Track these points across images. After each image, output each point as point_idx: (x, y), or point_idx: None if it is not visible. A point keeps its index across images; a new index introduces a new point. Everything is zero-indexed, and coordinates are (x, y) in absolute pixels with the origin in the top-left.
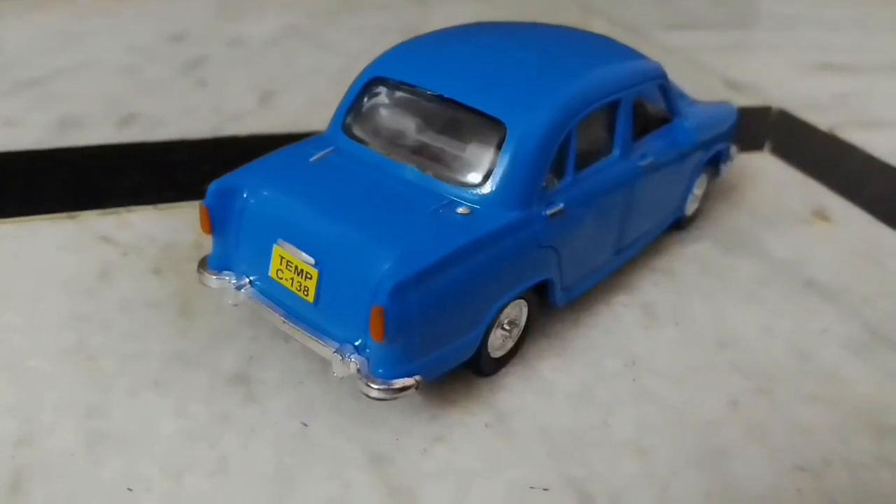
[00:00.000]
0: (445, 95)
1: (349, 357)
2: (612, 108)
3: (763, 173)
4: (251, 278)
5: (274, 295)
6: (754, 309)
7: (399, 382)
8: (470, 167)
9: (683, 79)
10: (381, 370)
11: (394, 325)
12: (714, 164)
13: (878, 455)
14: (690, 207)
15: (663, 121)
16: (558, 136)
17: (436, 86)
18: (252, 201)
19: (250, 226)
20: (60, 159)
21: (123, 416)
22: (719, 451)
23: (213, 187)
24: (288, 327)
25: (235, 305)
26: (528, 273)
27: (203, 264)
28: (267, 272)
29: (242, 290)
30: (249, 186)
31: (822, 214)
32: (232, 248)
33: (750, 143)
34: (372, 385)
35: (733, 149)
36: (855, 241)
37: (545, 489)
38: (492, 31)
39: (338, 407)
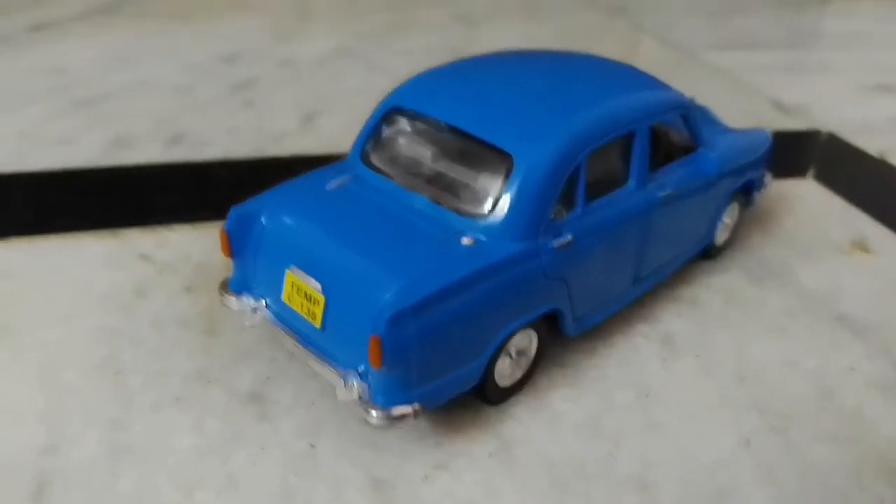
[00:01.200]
0: (456, 126)
1: (352, 382)
2: (628, 139)
3: (803, 201)
4: (267, 301)
5: (286, 318)
6: (779, 342)
7: (398, 411)
8: (477, 198)
9: (728, 101)
10: (380, 398)
11: (391, 355)
12: (747, 192)
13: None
14: (720, 237)
15: (687, 150)
16: (566, 168)
17: (448, 116)
18: (268, 227)
19: (266, 251)
20: (108, 177)
21: (143, 430)
22: (725, 491)
23: (232, 213)
24: (298, 350)
25: (252, 327)
26: (534, 304)
27: (224, 286)
28: (280, 296)
29: (258, 313)
30: (266, 212)
31: (861, 245)
32: (250, 272)
33: (792, 169)
34: (371, 412)
35: (767, 177)
36: (895, 274)
37: None
38: (513, 61)
39: (345, 429)
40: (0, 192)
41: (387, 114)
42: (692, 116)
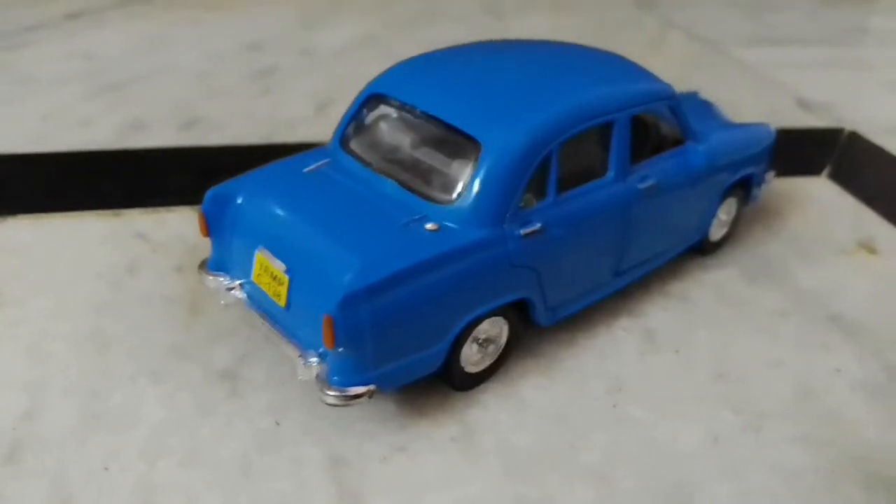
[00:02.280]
0: (430, 113)
1: (311, 362)
2: (606, 129)
3: (814, 199)
4: (241, 281)
5: (257, 298)
6: (766, 341)
7: (353, 391)
8: (444, 184)
9: (751, 97)
10: (336, 378)
11: (344, 335)
12: (746, 188)
13: None
14: (716, 232)
15: (676, 142)
16: (535, 156)
17: (423, 103)
18: (242, 208)
19: (239, 231)
20: (114, 159)
21: (119, 401)
22: (686, 486)
23: (209, 194)
24: (266, 330)
25: (226, 305)
26: (499, 291)
27: (203, 265)
28: (251, 276)
29: (232, 292)
30: (241, 194)
31: (868, 246)
32: (226, 252)
33: (807, 167)
34: (327, 391)
35: (769, 173)
36: None
37: None
38: (498, 51)
39: (311, 409)
40: (15, 172)
41: (367, 100)
42: (679, 108)
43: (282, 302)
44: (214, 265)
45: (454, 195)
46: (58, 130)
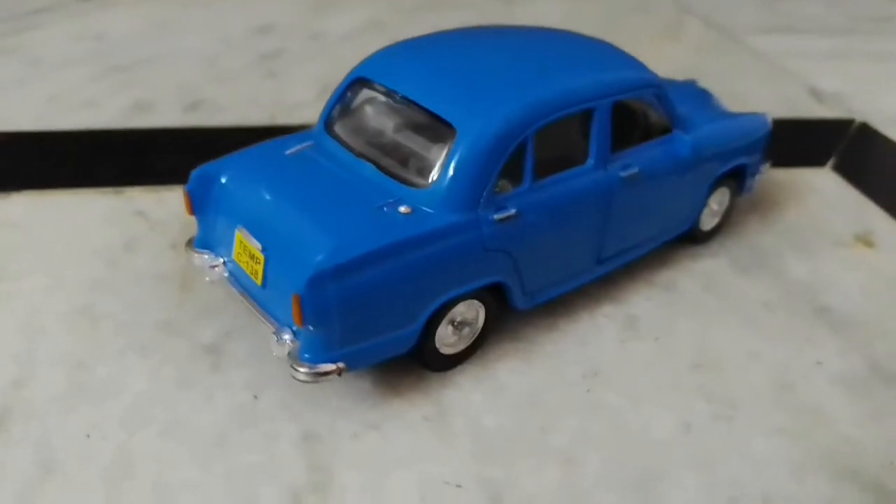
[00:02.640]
0: (409, 97)
1: (284, 339)
2: (586, 116)
3: (816, 191)
4: (223, 259)
5: (238, 276)
6: (749, 332)
7: (322, 368)
8: (421, 168)
9: (763, 86)
10: (307, 355)
11: (311, 313)
12: (739, 178)
13: (831, 500)
14: (707, 222)
15: (664, 131)
16: (509, 142)
17: (404, 88)
18: (224, 188)
19: (222, 211)
20: (116, 139)
21: (105, 373)
22: (654, 473)
23: (194, 173)
24: (246, 307)
25: (211, 282)
26: (473, 275)
27: (190, 243)
28: (232, 255)
29: (216, 270)
30: (224, 174)
31: (865, 240)
32: (211, 231)
33: (811, 159)
34: (298, 368)
35: (764, 165)
36: (895, 271)
37: (458, 486)
38: (484, 36)
39: (289, 385)
40: (18, 149)
41: (352, 84)
42: (665, 97)
43: (259, 280)
44: (200, 243)
45: (429, 179)
46: (63, 110)
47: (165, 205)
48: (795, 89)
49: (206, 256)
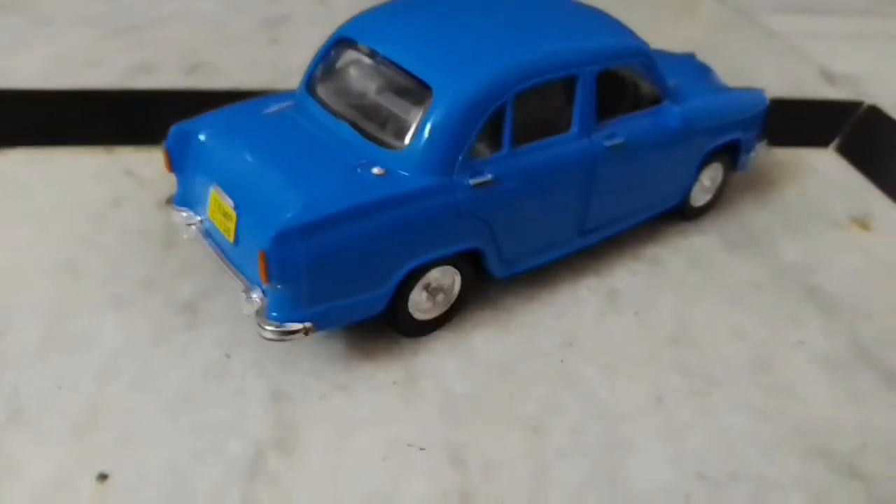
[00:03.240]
0: (389, 58)
1: (253, 296)
2: (569, 83)
3: (816, 172)
4: (200, 217)
5: (213, 234)
6: (732, 310)
7: (289, 326)
8: (397, 130)
9: (773, 66)
10: (274, 313)
11: (277, 271)
12: (734, 154)
13: (799, 478)
14: (699, 198)
15: (653, 102)
16: (486, 105)
17: (385, 48)
18: (202, 145)
19: (199, 168)
20: (113, 99)
21: (81, 326)
22: (622, 443)
23: (173, 130)
24: (220, 264)
25: (189, 239)
26: (447, 240)
27: (170, 200)
28: (206, 212)
29: (193, 227)
30: (203, 131)
31: (862, 222)
32: (190, 188)
33: (816, 139)
34: (265, 326)
35: (761, 141)
36: (890, 254)
37: (422, 448)
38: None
39: (262, 344)
40: (16, 107)
41: (334, 44)
42: (654, 67)
43: (231, 238)
44: (180, 200)
45: (405, 141)
46: (67, 70)
47: (154, 164)
48: (807, 70)
49: (185, 214)
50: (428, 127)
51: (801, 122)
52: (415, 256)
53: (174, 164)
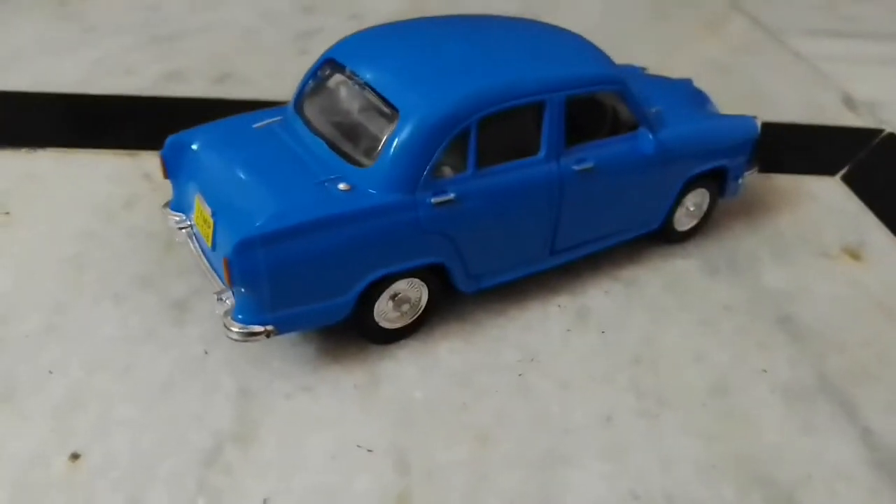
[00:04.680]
0: (366, 81)
1: (223, 299)
2: (537, 108)
3: (815, 199)
4: (189, 222)
5: (198, 238)
6: (700, 334)
7: (252, 328)
8: (365, 148)
9: (794, 91)
10: (239, 315)
11: (239, 277)
12: (722, 180)
13: None
14: (683, 222)
15: (631, 128)
16: (450, 128)
17: (363, 71)
18: (193, 155)
19: (189, 176)
20: (144, 105)
21: (78, 317)
22: (563, 458)
23: (168, 140)
24: (202, 267)
25: (180, 242)
26: (409, 254)
27: (167, 205)
28: (192, 218)
29: (183, 231)
30: (196, 141)
31: (854, 252)
32: (182, 194)
33: (824, 167)
34: (231, 327)
35: (751, 169)
36: (877, 286)
37: (370, 450)
38: (455, 25)
39: (240, 344)
40: (53, 110)
41: (323, 65)
42: (630, 96)
43: (209, 243)
44: (174, 205)
45: (372, 160)
46: (103, 76)
47: None
48: (828, 95)
49: (177, 218)
50: (393, 146)
51: (815, 149)
52: (376, 268)
53: (169, 171)
